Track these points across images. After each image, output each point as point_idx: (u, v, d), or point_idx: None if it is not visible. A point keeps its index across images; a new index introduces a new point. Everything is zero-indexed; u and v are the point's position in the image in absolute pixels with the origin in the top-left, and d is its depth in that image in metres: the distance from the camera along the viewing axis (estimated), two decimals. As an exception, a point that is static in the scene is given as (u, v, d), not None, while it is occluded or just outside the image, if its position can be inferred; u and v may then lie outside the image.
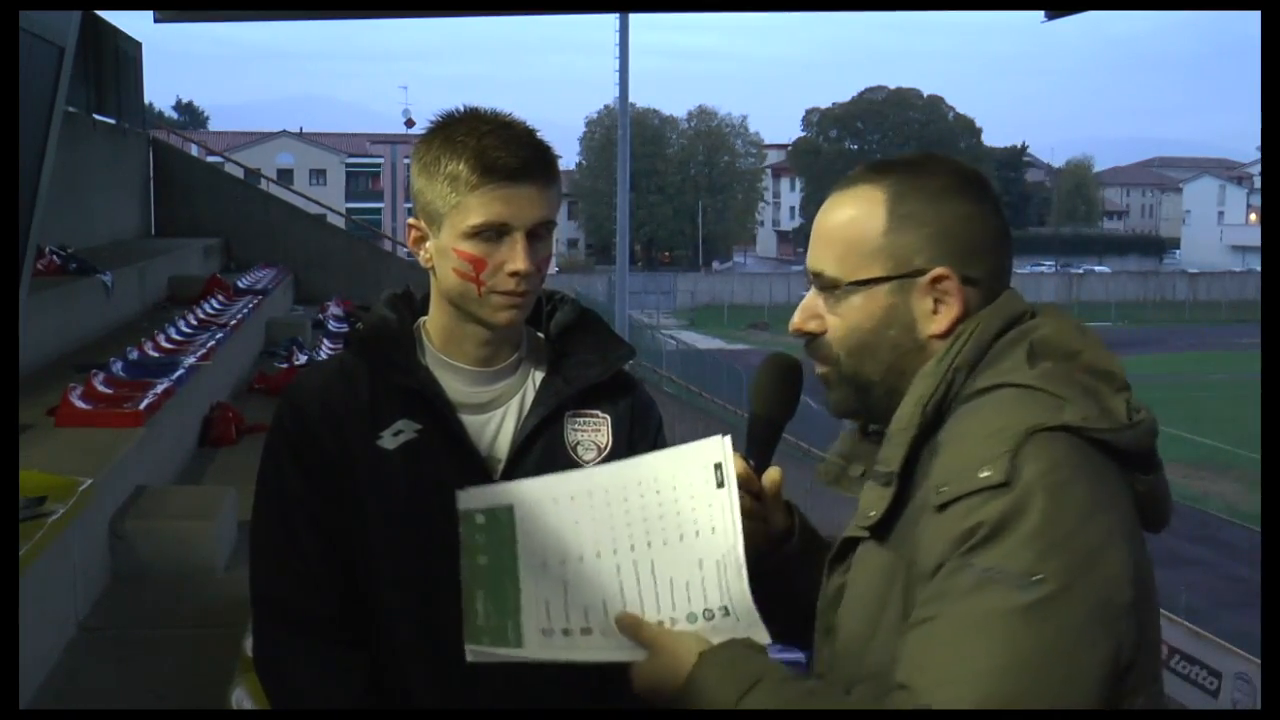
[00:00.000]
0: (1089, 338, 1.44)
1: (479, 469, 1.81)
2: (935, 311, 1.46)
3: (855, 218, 1.49)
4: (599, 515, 1.54)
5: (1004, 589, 1.24)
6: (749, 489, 1.61)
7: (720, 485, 1.50)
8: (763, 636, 1.45)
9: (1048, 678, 1.22)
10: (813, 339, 1.53)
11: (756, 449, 1.64)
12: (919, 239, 1.46)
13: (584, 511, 1.55)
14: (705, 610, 1.48)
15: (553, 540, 1.54)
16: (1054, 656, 1.23)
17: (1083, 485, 1.29)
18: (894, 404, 1.47)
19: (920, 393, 1.43)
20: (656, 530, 1.51)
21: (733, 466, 1.51)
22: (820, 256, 1.51)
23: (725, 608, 1.47)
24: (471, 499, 1.60)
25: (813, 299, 1.52)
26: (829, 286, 1.50)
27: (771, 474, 1.64)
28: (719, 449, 1.52)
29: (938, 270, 1.45)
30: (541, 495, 1.57)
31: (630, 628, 1.49)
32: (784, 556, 1.66)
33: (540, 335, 1.94)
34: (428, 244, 1.81)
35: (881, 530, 1.43)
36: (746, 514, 1.57)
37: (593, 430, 1.88)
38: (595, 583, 1.51)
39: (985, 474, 1.29)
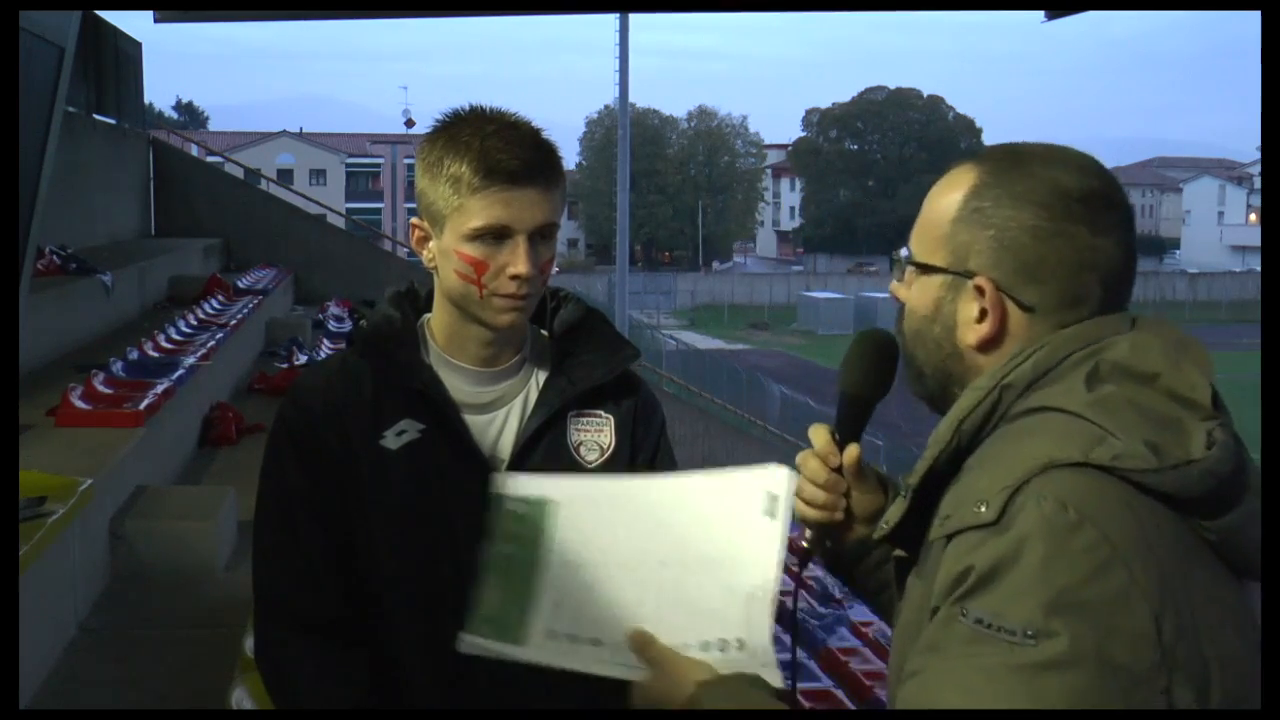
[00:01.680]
0: (1180, 357, 1.26)
1: (482, 469, 1.80)
2: (979, 321, 1.33)
3: (935, 198, 1.38)
4: (640, 525, 1.48)
5: (998, 644, 1.11)
6: (830, 463, 1.55)
7: (771, 516, 1.43)
8: (774, 679, 1.39)
9: None
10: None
11: (844, 427, 1.56)
12: (980, 239, 1.32)
13: (626, 518, 1.49)
14: (720, 640, 1.41)
15: (589, 542, 1.49)
16: None
17: (1093, 531, 1.13)
18: (950, 405, 1.36)
19: (962, 406, 1.31)
20: (692, 550, 1.45)
21: (789, 502, 1.43)
22: (914, 229, 1.41)
23: (740, 640, 1.40)
24: (512, 486, 1.54)
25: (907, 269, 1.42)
26: (906, 261, 1.41)
27: (850, 450, 1.54)
28: (780, 481, 1.45)
29: (979, 279, 1.32)
30: (588, 494, 1.52)
31: (640, 645, 1.44)
32: (873, 538, 1.53)
33: (544, 334, 1.93)
34: (430, 244, 1.80)
35: (920, 556, 1.34)
36: (827, 488, 1.53)
37: (595, 431, 1.87)
38: (618, 593, 1.46)
39: (981, 509, 1.18)
